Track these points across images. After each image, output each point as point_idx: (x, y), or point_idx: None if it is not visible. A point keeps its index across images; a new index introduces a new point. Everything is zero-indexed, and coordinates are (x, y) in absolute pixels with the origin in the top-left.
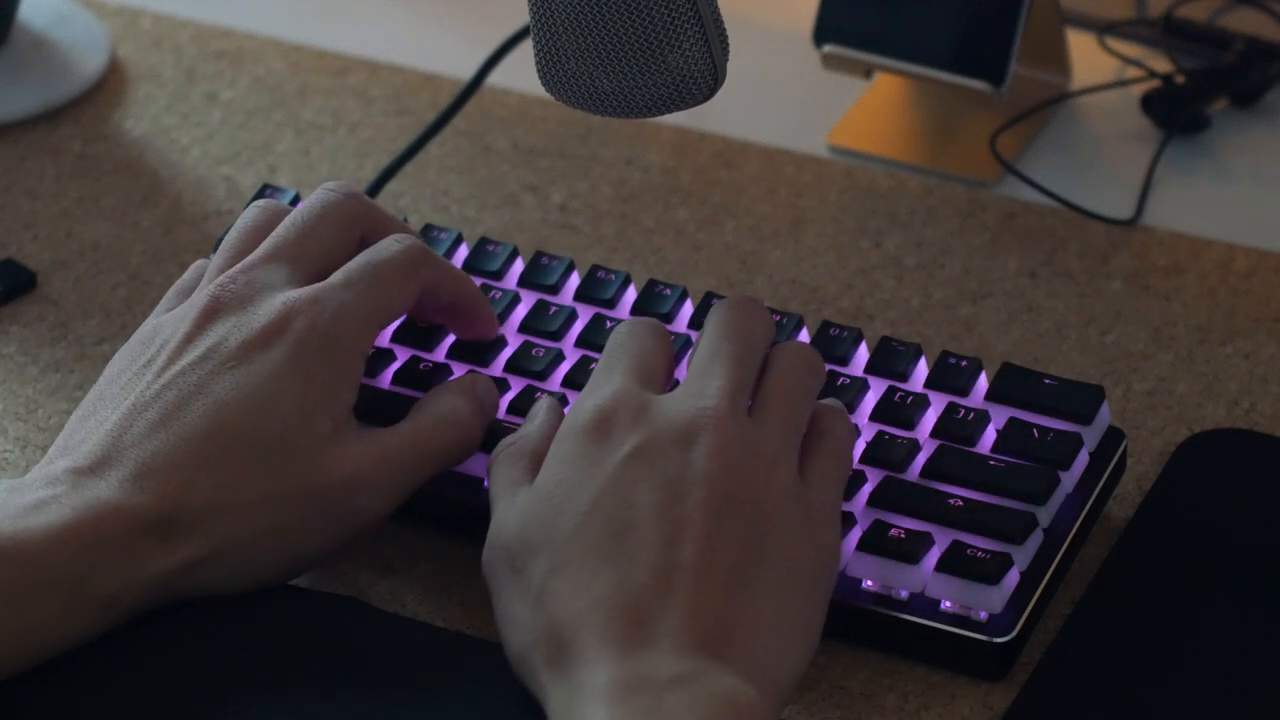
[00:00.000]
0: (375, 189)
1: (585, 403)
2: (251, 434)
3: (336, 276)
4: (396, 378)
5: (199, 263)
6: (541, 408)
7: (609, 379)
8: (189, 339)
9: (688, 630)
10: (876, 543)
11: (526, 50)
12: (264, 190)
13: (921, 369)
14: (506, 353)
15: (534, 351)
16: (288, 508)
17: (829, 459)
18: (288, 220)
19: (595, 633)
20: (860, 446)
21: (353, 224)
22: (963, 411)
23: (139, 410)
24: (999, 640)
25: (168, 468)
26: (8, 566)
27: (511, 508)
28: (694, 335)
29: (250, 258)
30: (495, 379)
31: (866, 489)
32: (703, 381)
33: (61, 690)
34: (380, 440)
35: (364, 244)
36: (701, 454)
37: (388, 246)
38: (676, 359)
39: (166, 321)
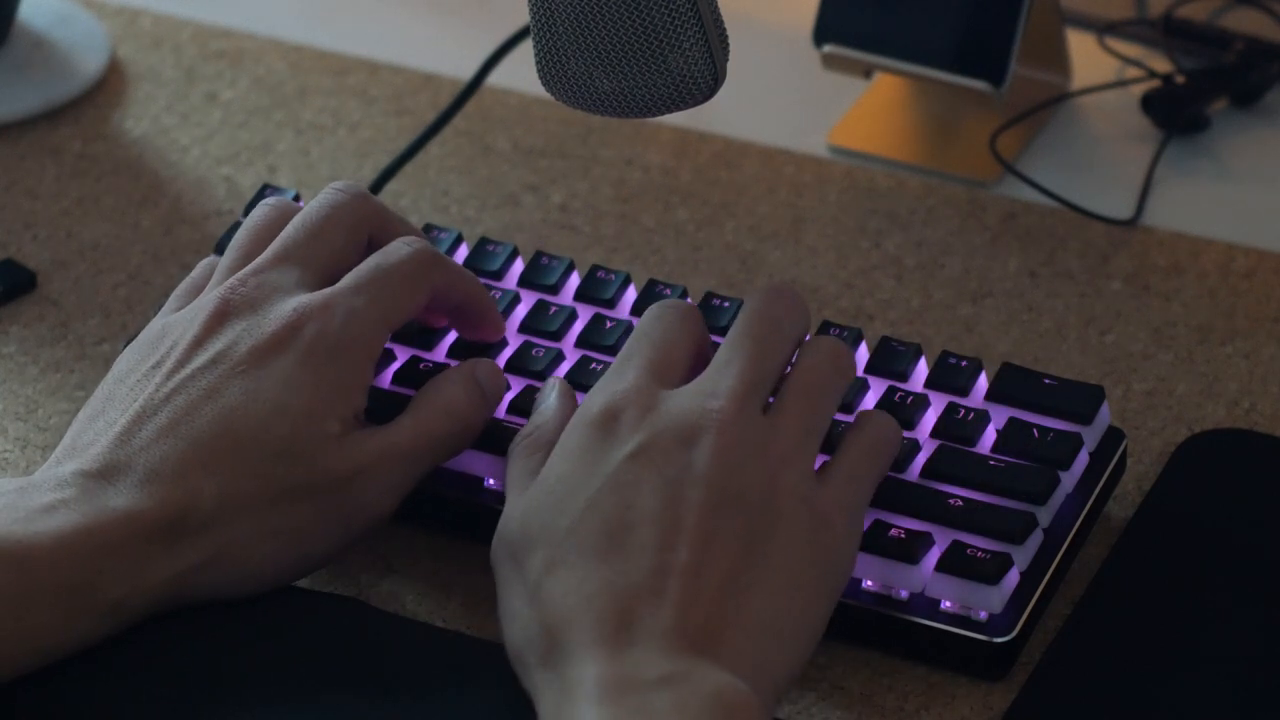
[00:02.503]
0: (375, 189)
1: (598, 395)
2: (259, 439)
3: (346, 281)
4: (396, 378)
5: (209, 259)
6: (552, 393)
7: (625, 372)
8: (198, 342)
9: (677, 631)
10: (876, 543)
11: (526, 50)
12: (264, 190)
13: (921, 369)
14: (507, 353)
15: (534, 351)
16: (293, 509)
17: (861, 457)
18: (296, 221)
19: (585, 631)
20: None
21: (360, 224)
22: (963, 411)
23: (147, 414)
24: (999, 640)
25: (175, 474)
26: (15, 571)
27: (519, 500)
28: None
29: (259, 260)
30: None
31: None
32: (716, 379)
33: (63, 692)
34: (382, 437)
35: (372, 244)
36: (704, 455)
37: (397, 250)
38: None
39: (176, 322)
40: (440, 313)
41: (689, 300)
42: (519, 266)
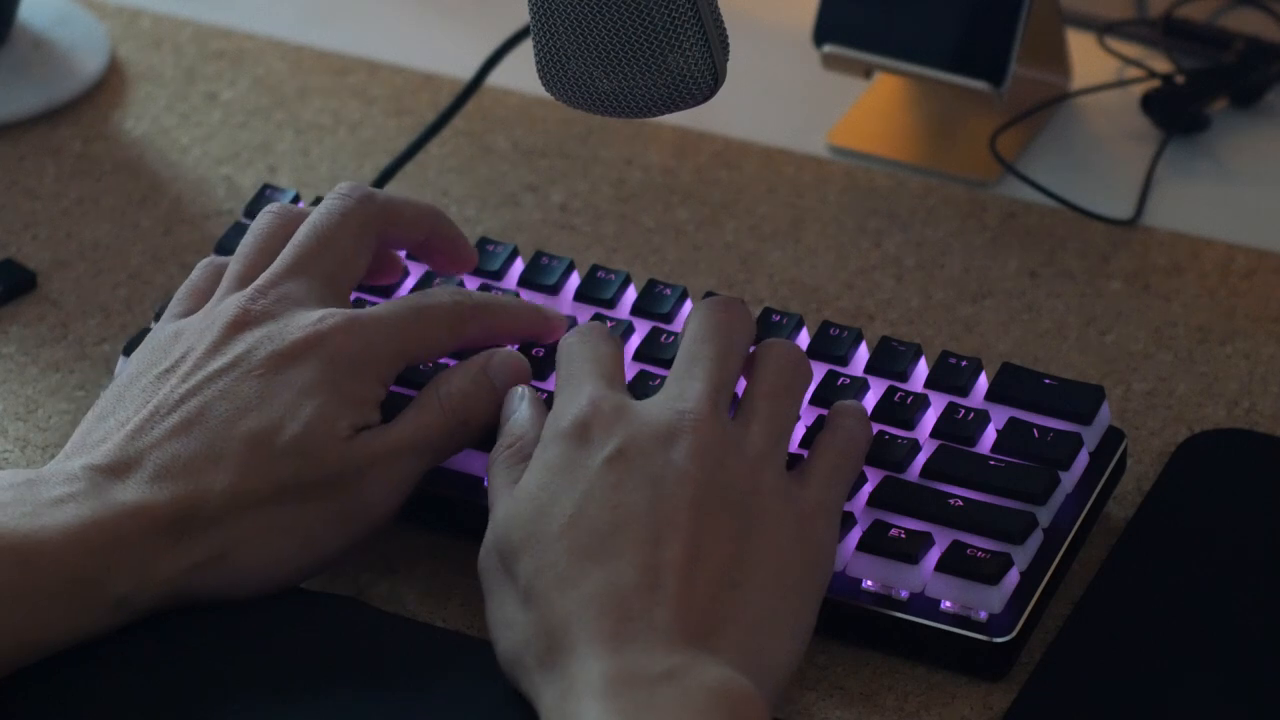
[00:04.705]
0: (384, 194)
1: (564, 411)
2: (271, 438)
3: (379, 308)
4: (399, 379)
5: (208, 260)
6: (523, 402)
7: (579, 387)
8: (215, 347)
9: (677, 625)
10: (876, 543)
11: (526, 50)
12: (264, 190)
13: (921, 369)
14: None
15: (534, 351)
16: (301, 507)
17: (837, 456)
18: (305, 229)
19: (586, 629)
20: None
21: (368, 227)
22: (963, 411)
23: (161, 414)
24: (999, 640)
25: (186, 469)
26: (22, 564)
27: (503, 509)
28: None
29: (274, 271)
30: None
31: (866, 489)
32: (682, 384)
33: (63, 691)
34: (386, 434)
35: (382, 241)
36: (683, 455)
37: (437, 296)
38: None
39: (189, 327)
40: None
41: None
42: (519, 266)
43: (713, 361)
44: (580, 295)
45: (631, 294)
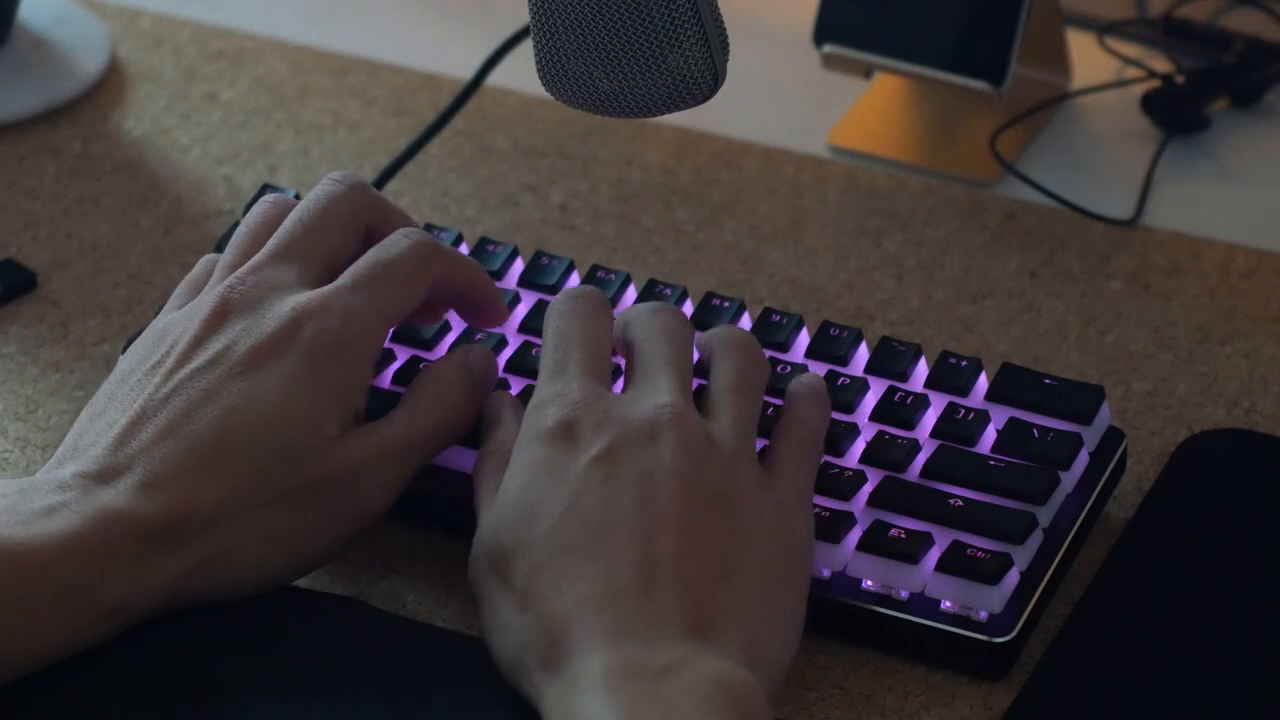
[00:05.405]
0: (375, 189)
1: (546, 409)
2: (258, 442)
3: (345, 278)
4: (396, 378)
5: (209, 257)
6: (505, 408)
7: (564, 379)
8: (197, 341)
9: (675, 618)
10: (876, 543)
11: (526, 50)
12: (264, 190)
13: (921, 369)
14: (507, 353)
15: (534, 351)
16: (293, 510)
17: (799, 448)
18: (293, 216)
19: (585, 627)
20: (860, 446)
21: (358, 215)
22: (963, 411)
23: (147, 415)
24: (999, 640)
25: (176, 476)
26: (15, 573)
27: (489, 516)
28: None
29: (258, 257)
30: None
31: (866, 489)
32: (654, 382)
33: (63, 693)
34: (378, 434)
35: (370, 234)
36: (668, 449)
37: (396, 244)
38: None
39: (176, 321)
40: (442, 301)
41: (594, 289)
42: (519, 266)
43: (671, 361)
44: None
45: (631, 294)
